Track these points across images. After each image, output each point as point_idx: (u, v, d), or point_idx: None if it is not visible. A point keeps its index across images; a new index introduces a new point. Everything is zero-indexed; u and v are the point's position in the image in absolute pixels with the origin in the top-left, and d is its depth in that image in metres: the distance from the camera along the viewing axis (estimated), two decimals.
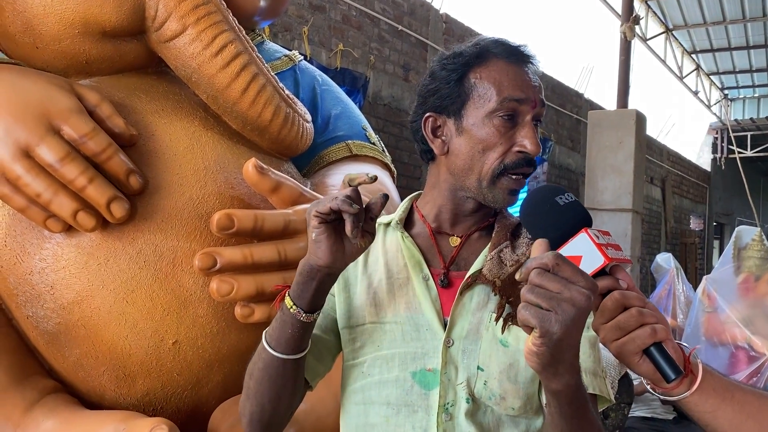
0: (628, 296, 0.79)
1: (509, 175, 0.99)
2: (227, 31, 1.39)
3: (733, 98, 15.38)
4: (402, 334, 1.00)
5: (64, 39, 1.36)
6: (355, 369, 1.03)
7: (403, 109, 5.44)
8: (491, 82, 0.99)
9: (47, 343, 1.34)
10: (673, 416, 3.97)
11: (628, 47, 7.02)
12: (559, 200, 0.84)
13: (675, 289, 6.14)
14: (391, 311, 1.01)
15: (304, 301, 0.91)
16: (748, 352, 4.15)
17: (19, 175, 1.21)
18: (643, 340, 0.77)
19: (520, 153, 0.98)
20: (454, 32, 6.09)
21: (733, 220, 14.78)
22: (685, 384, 0.80)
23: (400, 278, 1.03)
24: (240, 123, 1.46)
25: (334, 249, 0.88)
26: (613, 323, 0.78)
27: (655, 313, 0.79)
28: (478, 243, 1.05)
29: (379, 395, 1.00)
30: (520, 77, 0.99)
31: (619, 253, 0.81)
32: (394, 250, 1.06)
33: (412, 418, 0.97)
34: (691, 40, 11.64)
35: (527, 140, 0.98)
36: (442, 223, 1.06)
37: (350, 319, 1.04)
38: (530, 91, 0.99)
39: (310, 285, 0.90)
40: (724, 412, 0.80)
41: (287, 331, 0.92)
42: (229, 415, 1.32)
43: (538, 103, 0.99)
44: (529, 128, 0.98)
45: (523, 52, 1.02)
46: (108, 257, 1.30)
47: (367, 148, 1.86)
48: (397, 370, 0.99)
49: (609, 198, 6.26)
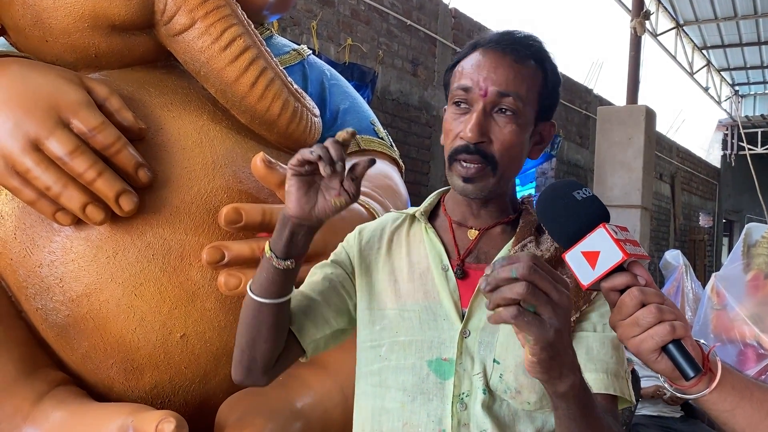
0: (646, 293, 0.77)
1: (457, 163, 0.99)
2: (236, 25, 1.39)
3: (744, 94, 15.27)
4: (420, 323, 1.01)
5: (73, 32, 1.36)
6: (373, 351, 1.04)
7: (412, 104, 5.43)
8: (457, 72, 1.02)
9: (56, 335, 1.35)
10: (679, 414, 3.96)
11: (638, 42, 6.97)
12: (576, 195, 0.83)
13: (683, 286, 6.11)
14: (411, 299, 1.03)
15: (277, 248, 0.93)
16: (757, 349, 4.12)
17: (29, 168, 1.21)
18: (662, 338, 0.76)
19: (460, 140, 0.98)
20: (463, 27, 6.07)
21: (743, 217, 14.68)
22: (704, 382, 0.79)
23: (420, 268, 1.04)
24: (248, 117, 1.46)
25: (302, 202, 0.90)
26: (631, 320, 0.77)
27: (674, 310, 0.78)
28: (501, 237, 1.05)
29: (396, 381, 1.01)
30: (480, 65, 0.99)
31: (637, 249, 0.80)
32: (417, 240, 1.08)
33: (428, 406, 0.98)
34: (701, 35, 11.55)
35: (465, 125, 0.98)
36: (462, 215, 1.07)
37: (371, 302, 1.06)
38: (480, 78, 0.98)
39: (283, 233, 0.93)
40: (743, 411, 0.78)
41: (263, 275, 0.95)
42: (236, 408, 1.32)
43: (489, 92, 0.97)
44: (471, 115, 0.98)
45: (504, 38, 1.01)
46: (116, 250, 1.30)
47: (375, 143, 1.86)
48: (414, 357, 1.00)
49: (618, 194, 6.23)
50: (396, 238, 1.10)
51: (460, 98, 0.99)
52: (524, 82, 0.99)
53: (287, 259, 0.94)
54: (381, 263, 1.07)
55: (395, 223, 1.12)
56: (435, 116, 5.63)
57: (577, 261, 0.80)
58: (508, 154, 0.99)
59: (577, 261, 0.80)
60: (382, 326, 1.04)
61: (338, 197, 0.90)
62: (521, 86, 0.98)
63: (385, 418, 1.00)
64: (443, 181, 5.68)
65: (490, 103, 0.98)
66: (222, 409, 1.35)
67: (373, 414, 1.03)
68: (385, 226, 1.12)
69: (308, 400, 1.37)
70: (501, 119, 0.98)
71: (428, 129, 5.59)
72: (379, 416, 1.01)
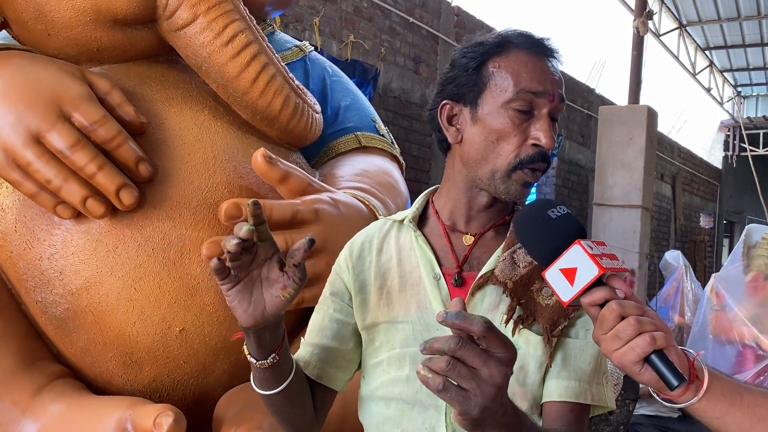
0: (625, 305, 0.78)
1: (524, 169, 0.97)
2: (238, 20, 1.39)
3: (746, 95, 15.23)
4: (413, 334, 1.00)
5: (75, 26, 1.36)
6: (378, 367, 1.04)
7: (413, 102, 5.43)
8: (509, 72, 0.97)
9: (56, 328, 1.35)
10: (677, 414, 3.96)
11: (640, 42, 6.96)
12: (551, 213, 0.85)
13: (683, 286, 6.11)
14: (403, 310, 1.01)
15: (253, 352, 0.94)
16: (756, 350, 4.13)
17: (30, 161, 1.22)
18: (643, 349, 0.76)
19: (535, 146, 0.96)
20: (466, 25, 6.06)
21: (744, 218, 14.67)
22: (691, 390, 0.79)
23: (412, 277, 1.03)
24: (249, 113, 1.46)
25: (250, 311, 0.88)
26: (612, 333, 0.78)
27: (655, 321, 0.78)
28: (492, 242, 1.04)
29: (395, 391, 1.01)
30: (539, 69, 0.97)
31: (614, 263, 0.81)
32: (407, 248, 1.05)
33: (424, 415, 0.98)
34: (704, 36, 11.52)
35: (542, 133, 0.95)
36: (457, 219, 1.05)
37: (365, 320, 1.05)
38: (549, 85, 0.96)
39: (250, 341, 0.93)
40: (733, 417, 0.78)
41: (257, 375, 0.96)
42: (234, 403, 1.33)
43: (557, 97, 0.97)
44: (544, 121, 0.96)
45: (546, 45, 1.00)
46: (117, 244, 1.30)
47: (376, 140, 1.86)
48: (408, 368, 0.99)
49: (619, 194, 6.22)
50: (385, 246, 1.07)
51: (528, 102, 0.96)
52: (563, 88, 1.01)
53: (268, 357, 0.94)
54: (372, 276, 1.06)
55: (382, 230, 1.09)
56: None
57: (555, 278, 0.82)
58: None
59: (556, 278, 0.82)
60: (379, 342, 1.04)
61: (284, 290, 0.88)
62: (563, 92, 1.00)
63: (387, 426, 1.02)
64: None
65: (555, 109, 0.98)
66: (220, 404, 1.35)
67: (378, 422, 1.04)
68: (372, 237, 1.09)
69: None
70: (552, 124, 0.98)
71: (429, 127, 5.58)
72: (383, 424, 1.03)
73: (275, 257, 0.89)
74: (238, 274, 0.87)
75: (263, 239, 0.88)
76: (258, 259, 0.89)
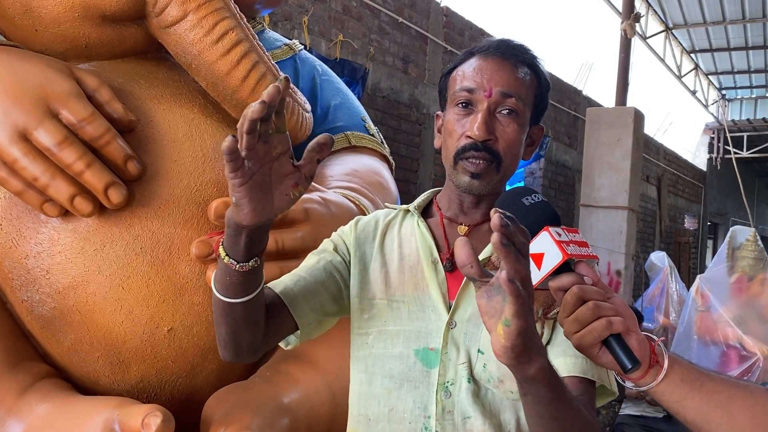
0: (586, 290, 0.82)
1: (463, 160, 1.04)
2: (228, 18, 1.38)
3: (731, 99, 15.40)
4: (408, 313, 1.05)
5: (63, 22, 1.34)
6: (360, 338, 1.09)
7: (402, 102, 5.43)
8: (457, 76, 1.07)
9: (42, 327, 1.33)
10: (662, 414, 3.99)
11: (627, 45, 7.00)
12: (525, 201, 0.89)
13: (668, 287, 6.16)
14: (400, 290, 1.07)
15: (236, 254, 0.89)
16: (740, 351, 4.17)
17: (17, 158, 1.20)
18: (599, 332, 0.80)
19: (468, 138, 1.04)
20: (455, 26, 6.07)
21: (728, 220, 14.82)
22: (651, 374, 0.83)
23: (411, 260, 1.08)
24: (239, 111, 1.44)
25: (259, 208, 0.84)
26: (573, 317, 0.82)
27: (617, 307, 0.82)
28: (487, 234, 1.06)
29: (382, 368, 1.05)
30: (480, 68, 1.05)
31: (582, 250, 0.85)
32: (409, 234, 1.12)
33: (414, 393, 1.02)
34: (690, 39, 11.64)
35: (473, 125, 1.03)
36: (454, 212, 1.11)
37: (362, 291, 1.09)
38: (485, 81, 1.03)
39: (239, 240, 0.87)
40: (692, 402, 0.82)
41: (226, 279, 0.91)
42: (223, 403, 1.32)
43: (493, 92, 1.03)
44: (479, 114, 1.03)
45: (504, 46, 1.07)
46: (104, 243, 1.29)
47: (366, 140, 1.85)
48: (401, 346, 1.04)
49: (605, 195, 6.26)
50: (389, 231, 1.14)
51: (464, 99, 1.05)
52: (523, 85, 1.06)
53: (250, 260, 0.90)
54: (374, 254, 1.11)
55: (388, 217, 1.16)
56: (425, 114, 5.63)
57: None
58: (511, 152, 1.05)
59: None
60: (370, 315, 1.08)
61: (296, 188, 0.87)
62: (521, 88, 1.05)
63: (372, 403, 1.05)
64: (432, 179, 5.68)
65: (494, 103, 1.04)
66: (209, 404, 1.34)
67: (360, 398, 1.07)
68: (378, 219, 1.16)
69: (295, 396, 1.37)
70: (504, 119, 1.04)
71: (418, 127, 5.59)
72: (366, 401, 1.06)
73: (287, 154, 0.86)
74: (252, 166, 0.82)
75: (280, 130, 0.84)
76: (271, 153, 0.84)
